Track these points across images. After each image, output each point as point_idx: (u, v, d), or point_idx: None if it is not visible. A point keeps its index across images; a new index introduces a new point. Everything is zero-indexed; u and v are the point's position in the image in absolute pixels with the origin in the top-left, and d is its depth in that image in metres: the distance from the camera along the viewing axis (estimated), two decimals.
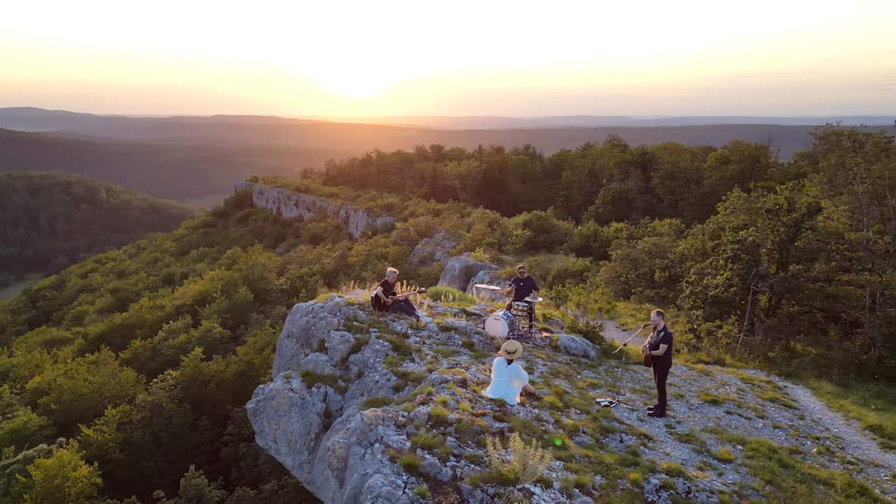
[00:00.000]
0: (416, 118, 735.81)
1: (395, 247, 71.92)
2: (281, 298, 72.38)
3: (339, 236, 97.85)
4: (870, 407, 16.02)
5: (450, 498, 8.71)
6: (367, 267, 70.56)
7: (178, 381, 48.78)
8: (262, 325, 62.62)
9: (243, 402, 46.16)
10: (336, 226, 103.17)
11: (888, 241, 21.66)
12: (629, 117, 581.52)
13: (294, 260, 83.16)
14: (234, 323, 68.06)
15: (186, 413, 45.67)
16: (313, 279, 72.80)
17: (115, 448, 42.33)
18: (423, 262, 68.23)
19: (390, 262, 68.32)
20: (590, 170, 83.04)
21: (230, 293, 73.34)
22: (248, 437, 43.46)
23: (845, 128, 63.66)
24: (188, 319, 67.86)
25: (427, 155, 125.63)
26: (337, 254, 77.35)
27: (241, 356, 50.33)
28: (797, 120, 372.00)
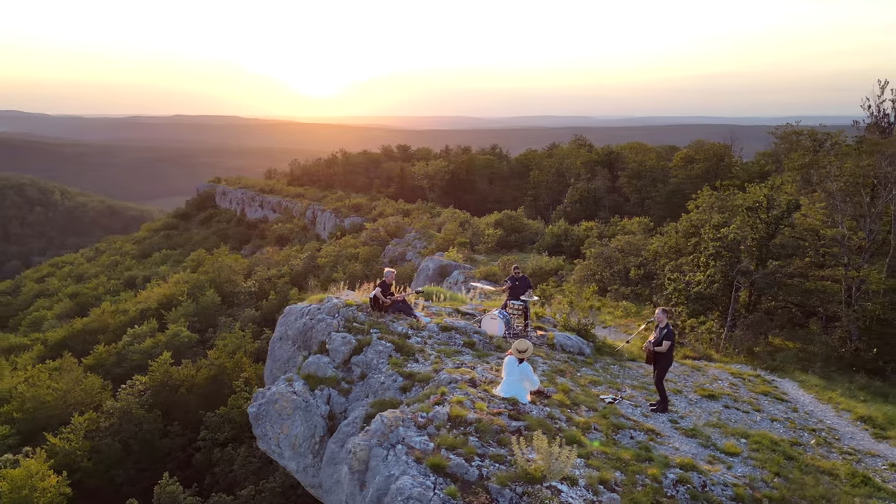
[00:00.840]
0: (379, 118, 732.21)
1: (366, 247, 71.53)
2: (249, 301, 71.40)
3: (306, 237, 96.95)
4: (856, 399, 16.48)
5: (480, 498, 8.69)
6: (337, 268, 70.01)
7: (148, 386, 47.74)
8: (231, 329, 61.69)
9: (216, 407, 45.58)
10: (303, 227, 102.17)
11: (862, 237, 22.32)
12: (592, 117, 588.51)
13: (261, 262, 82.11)
14: (201, 326, 66.89)
15: (157, 419, 44.73)
16: (282, 281, 71.97)
17: (83, 457, 41.28)
18: (394, 262, 67.94)
19: (361, 263, 67.97)
20: (557, 169, 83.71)
21: (197, 296, 72.07)
22: (222, 442, 42.78)
23: (805, 127, 65.44)
24: (154, 323, 66.51)
25: (393, 155, 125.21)
26: (306, 255, 76.63)
27: (212, 360, 49.47)
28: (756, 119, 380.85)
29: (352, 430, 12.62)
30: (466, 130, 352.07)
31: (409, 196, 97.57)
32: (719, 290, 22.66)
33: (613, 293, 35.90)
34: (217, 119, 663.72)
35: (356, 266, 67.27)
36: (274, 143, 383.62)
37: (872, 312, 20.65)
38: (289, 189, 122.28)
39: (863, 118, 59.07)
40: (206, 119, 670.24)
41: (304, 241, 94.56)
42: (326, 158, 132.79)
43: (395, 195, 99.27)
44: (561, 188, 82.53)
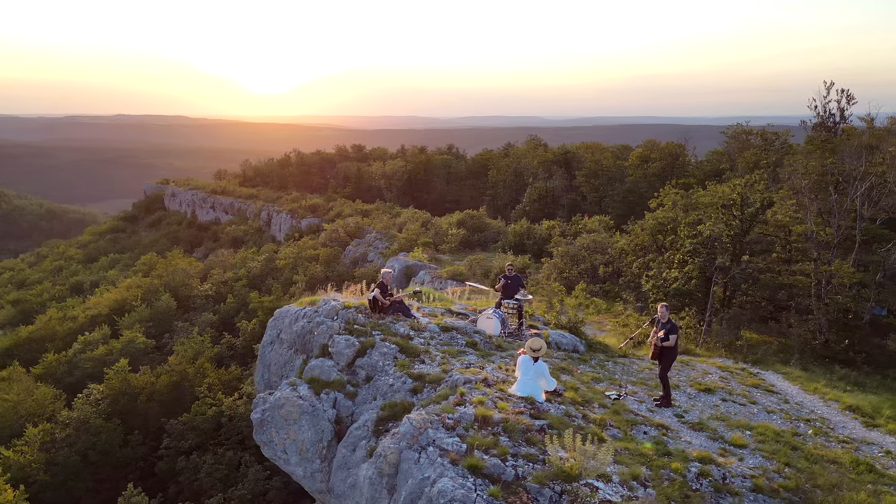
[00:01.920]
0: (330, 117, 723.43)
1: (325, 249, 70.76)
2: (206, 305, 69.81)
3: (261, 239, 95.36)
4: (839, 389, 17.08)
5: (521, 497, 8.68)
6: (297, 270, 69.08)
7: (105, 395, 46.21)
8: (189, 334, 60.19)
9: (178, 414, 44.44)
10: (258, 228, 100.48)
11: (829, 233, 23.14)
12: (542, 117, 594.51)
13: (217, 264, 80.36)
14: (157, 332, 65.08)
15: (116, 428, 43.34)
16: (240, 284, 70.60)
17: (39, 469, 39.76)
18: (355, 263, 67.47)
19: (321, 265, 67.20)
20: (514, 169, 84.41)
21: (151, 301, 70.10)
22: (186, 450, 41.74)
23: (754, 127, 67.59)
24: (106, 330, 64.35)
25: (348, 155, 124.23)
26: (263, 257, 75.34)
27: (172, 366, 48.18)
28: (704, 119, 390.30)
29: (363, 433, 12.45)
30: (419, 130, 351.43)
31: (367, 196, 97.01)
32: (697, 287, 23.18)
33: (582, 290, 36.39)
34: (162, 119, 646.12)
35: (317, 268, 66.49)
36: (222, 143, 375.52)
37: (843, 305, 21.43)
38: (241, 190, 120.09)
39: (810, 118, 61.41)
40: (150, 119, 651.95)
41: (260, 243, 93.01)
42: (279, 159, 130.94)
43: (353, 195, 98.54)
44: (519, 187, 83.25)
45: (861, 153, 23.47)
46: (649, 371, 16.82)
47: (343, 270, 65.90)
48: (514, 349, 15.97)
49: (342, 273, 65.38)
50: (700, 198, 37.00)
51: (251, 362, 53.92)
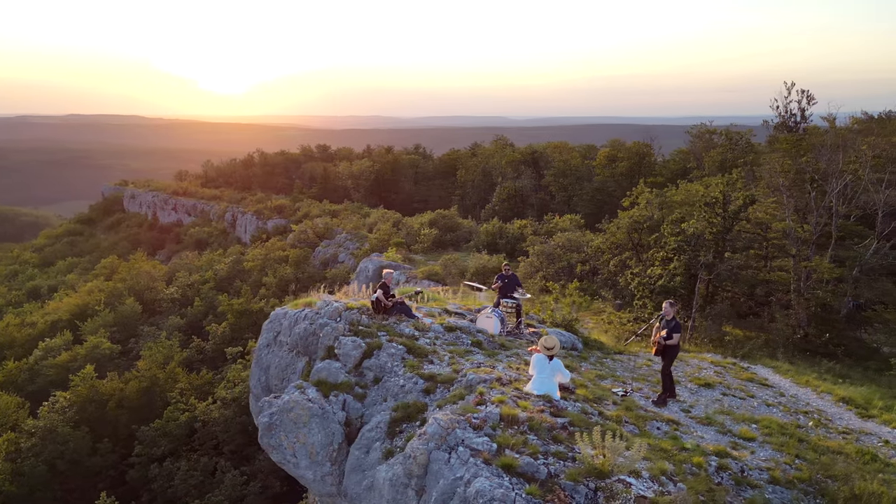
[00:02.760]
0: (293, 117, 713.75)
1: (295, 250, 69.99)
2: (173, 308, 68.45)
3: (226, 241, 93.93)
4: (828, 382, 17.52)
5: (559, 495, 8.70)
6: (266, 271, 68.19)
7: (72, 402, 44.95)
8: (156, 338, 58.93)
9: (149, 421, 43.49)
10: (222, 230, 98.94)
11: (808, 230, 23.75)
12: (506, 117, 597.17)
13: (182, 267, 78.84)
14: (121, 337, 63.60)
15: (84, 437, 42.23)
16: (207, 287, 69.39)
17: (5, 480, 38.58)
18: (325, 264, 66.89)
19: (291, 266, 66.45)
20: (483, 169, 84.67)
21: (115, 305, 68.43)
22: (159, 457, 40.88)
23: (718, 126, 69.03)
24: (68, 336, 62.64)
25: (313, 155, 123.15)
26: (230, 259, 74.17)
27: (142, 372, 47.10)
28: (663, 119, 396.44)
29: (376, 435, 12.34)
30: (383, 130, 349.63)
31: (334, 196, 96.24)
32: (681, 284, 23.57)
33: (559, 289, 36.68)
34: (117, 118, 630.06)
35: (287, 269, 65.73)
36: (181, 143, 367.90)
37: (823, 299, 22.02)
38: (204, 191, 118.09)
39: (772, 118, 63.00)
40: (104, 118, 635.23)
41: (225, 244, 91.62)
42: (242, 159, 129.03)
43: (319, 196, 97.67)
44: (487, 187, 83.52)
45: (838, 151, 24.13)
46: (647, 367, 17.04)
47: (314, 272, 65.31)
48: (517, 348, 16.02)
49: (313, 274, 64.80)
50: (673, 196, 37.71)
51: (222, 366, 53.06)
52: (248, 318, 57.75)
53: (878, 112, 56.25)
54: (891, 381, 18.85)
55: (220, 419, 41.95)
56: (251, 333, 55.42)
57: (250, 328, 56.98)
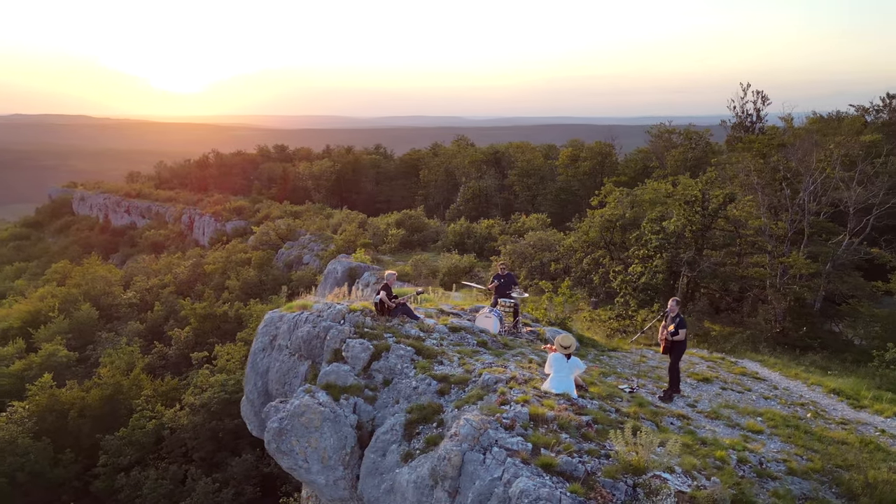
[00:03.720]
0: (246, 117, 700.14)
1: (257, 252, 68.86)
2: (131, 314, 66.60)
3: (184, 243, 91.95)
4: (818, 374, 18.08)
5: (601, 493, 8.76)
6: (228, 274, 66.95)
7: (30, 412, 43.35)
8: (115, 344, 57.27)
9: (114, 429, 42.24)
10: (179, 232, 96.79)
11: (783, 227, 24.47)
12: (464, 117, 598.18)
13: (139, 271, 76.82)
14: (78, 344, 61.53)
15: (46, 447, 40.74)
16: (167, 291, 67.75)
17: None
18: (290, 266, 66.02)
19: (255, 269, 65.38)
20: (446, 169, 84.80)
21: (70, 311, 66.20)
22: (125, 466, 39.73)
23: (677, 126, 70.57)
24: (20, 343, 60.35)
25: (271, 155, 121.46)
26: (190, 262, 72.56)
27: (105, 379, 45.69)
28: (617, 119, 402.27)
29: (392, 437, 12.22)
30: (340, 130, 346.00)
31: (294, 197, 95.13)
32: (664, 281, 24.00)
33: (534, 287, 36.98)
34: (63, 118, 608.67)
35: (250, 272, 64.64)
36: (130, 144, 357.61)
37: (799, 294, 22.72)
38: (159, 193, 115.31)
39: (729, 118, 64.70)
40: (49, 118, 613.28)
41: (183, 247, 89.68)
42: (197, 160, 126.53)
43: (279, 197, 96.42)
44: (451, 187, 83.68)
45: (812, 150, 24.90)
46: (644, 364, 17.30)
47: (278, 274, 64.42)
48: (519, 347, 16.07)
49: (277, 277, 63.93)
50: (643, 195, 38.37)
51: (186, 371, 51.91)
52: (211, 322, 56.63)
53: (825, 112, 58.18)
54: (870, 373, 19.54)
55: (189, 426, 41.02)
56: (216, 338, 54.40)
57: (214, 332, 55.93)
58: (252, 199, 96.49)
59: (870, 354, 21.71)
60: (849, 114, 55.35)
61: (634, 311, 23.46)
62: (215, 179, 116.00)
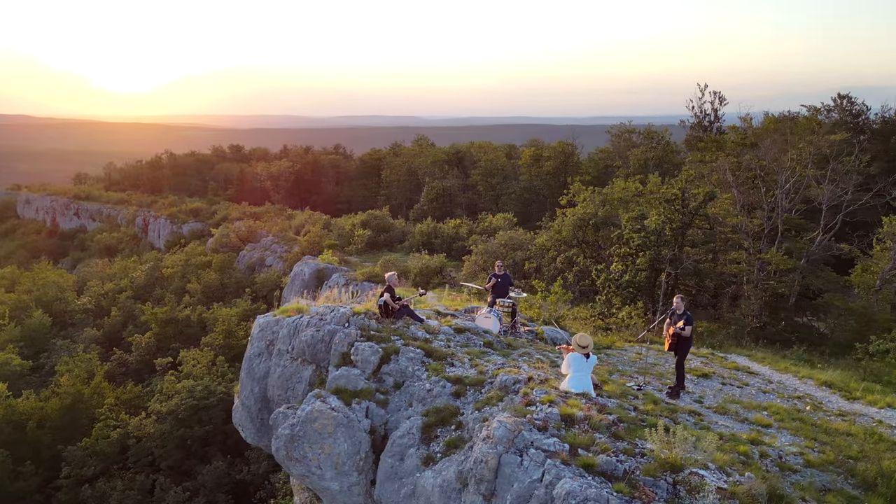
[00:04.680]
0: (197, 116, 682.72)
1: (218, 254, 67.44)
2: (87, 320, 64.47)
3: (138, 247, 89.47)
4: (809, 367, 18.55)
5: (645, 491, 8.78)
6: (188, 278, 65.41)
7: None
8: (71, 352, 55.32)
9: (76, 440, 40.83)
10: (133, 235, 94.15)
11: (759, 224, 25.09)
12: (420, 117, 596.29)
13: (93, 275, 74.49)
14: (31, 352, 59.21)
15: (4, 460, 39.10)
16: (124, 296, 65.79)
17: None
18: (252, 268, 64.87)
19: (216, 272, 64.01)
20: (407, 168, 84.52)
21: (21, 318, 63.71)
22: (89, 478, 38.44)
23: (636, 126, 71.80)
24: None
25: (226, 155, 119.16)
26: (148, 266, 70.62)
27: (65, 388, 44.09)
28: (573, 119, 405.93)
29: (409, 441, 12.05)
30: (294, 129, 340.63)
31: (252, 198, 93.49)
32: (647, 279, 24.35)
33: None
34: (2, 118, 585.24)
35: (211, 275, 63.28)
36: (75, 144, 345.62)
37: (777, 289, 23.33)
38: (109, 195, 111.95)
39: (688, 117, 66.07)
40: None
41: (137, 251, 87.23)
42: (149, 161, 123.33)
43: (237, 198, 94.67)
44: (413, 187, 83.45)
45: (784, 149, 25.59)
46: (641, 361, 17.48)
47: (241, 277, 63.25)
48: (523, 347, 16.06)
49: (240, 279, 62.76)
50: (613, 194, 38.90)
51: (149, 377, 50.54)
52: (174, 326, 55.28)
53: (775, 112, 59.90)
54: (850, 364, 20.16)
55: (156, 434, 39.92)
56: (179, 343, 53.10)
57: (177, 337, 54.60)
58: (209, 200, 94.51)
59: (845, 347, 22.43)
60: (801, 114, 57.08)
61: (619, 309, 23.72)
62: (169, 181, 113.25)
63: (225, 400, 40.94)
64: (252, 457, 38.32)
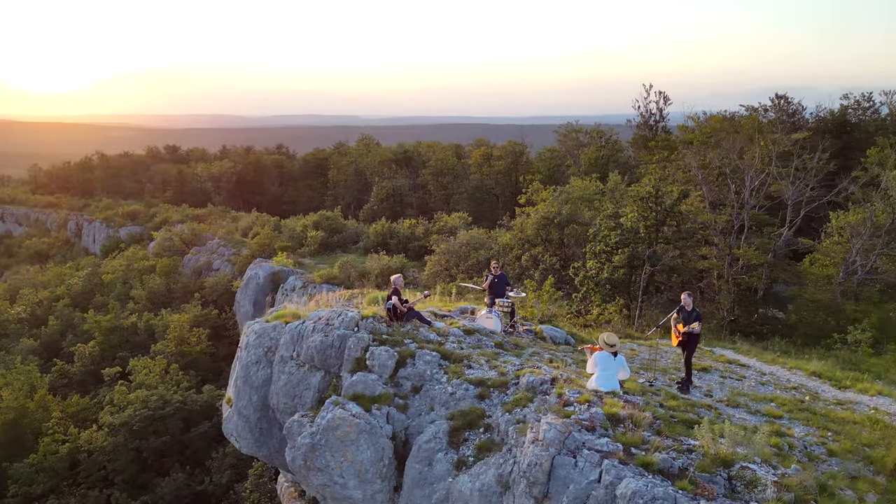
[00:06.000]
0: (125, 116, 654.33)
1: (162, 259, 65.10)
2: (21, 330, 61.17)
3: (72, 252, 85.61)
4: (794, 359, 19.15)
5: (706, 488, 8.83)
6: (131, 284, 62.94)
7: None
8: (8, 364, 52.38)
9: (21, 457, 38.71)
10: (65, 240, 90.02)
11: (727, 220, 25.86)
12: (359, 116, 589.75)
13: (25, 283, 70.82)
14: None
15: None
16: (61, 304, 62.79)
17: None
18: (199, 273, 62.89)
19: (161, 277, 61.76)
20: (355, 168, 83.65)
21: None
22: (38, 496, 36.51)
23: (583, 126, 73.06)
24: None
25: (162, 156, 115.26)
26: (86, 272, 67.58)
27: (7, 402, 41.69)
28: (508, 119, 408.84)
29: (436, 445, 11.82)
30: (230, 129, 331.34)
31: (192, 200, 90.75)
32: (624, 275, 24.74)
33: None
34: None
35: (156, 280, 61.03)
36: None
37: (750, 284, 24.09)
38: (37, 198, 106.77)
39: (633, 117, 67.65)
40: None
41: (71, 256, 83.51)
42: (79, 162, 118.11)
43: (176, 200, 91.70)
44: (361, 187, 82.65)
45: (749, 147, 26.45)
46: (638, 357, 17.71)
47: (188, 281, 61.26)
48: (530, 346, 16.04)
49: (187, 284, 60.78)
50: (574, 193, 39.45)
51: (95, 388, 48.38)
52: (119, 335, 53.08)
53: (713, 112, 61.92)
54: (822, 354, 20.95)
55: (109, 447, 38.23)
56: (126, 351, 51.02)
57: (124, 346, 52.44)
58: (146, 202, 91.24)
59: (814, 337, 23.33)
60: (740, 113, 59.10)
61: (598, 306, 23.99)
62: (102, 183, 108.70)
63: (182, 409, 39.58)
64: (214, 466, 37.16)
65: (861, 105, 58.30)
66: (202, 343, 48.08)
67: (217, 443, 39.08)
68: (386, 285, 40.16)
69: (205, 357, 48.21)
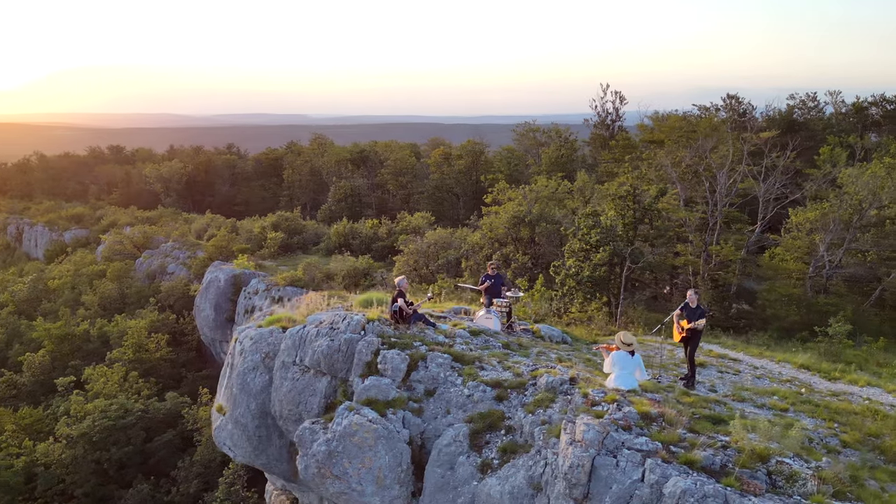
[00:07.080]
0: (58, 115, 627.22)
1: (112, 263, 62.89)
2: None
3: (12, 257, 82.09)
4: (782, 352, 19.60)
5: (749, 483, 8.88)
6: (80, 289, 60.60)
7: None
8: None
9: None
10: (5, 245, 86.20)
11: (701, 217, 26.38)
12: (308, 115, 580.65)
13: None
14: None
15: None
16: (5, 312, 60.05)
17: None
18: (152, 277, 60.96)
19: (113, 281, 59.64)
20: (311, 168, 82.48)
21: None
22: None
23: (541, 125, 73.75)
24: None
25: (105, 157, 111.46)
26: (30, 277, 64.82)
27: None
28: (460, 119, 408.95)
29: (457, 448, 11.63)
30: (175, 128, 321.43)
31: (140, 202, 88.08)
32: (605, 273, 24.95)
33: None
34: None
35: (108, 285, 58.91)
36: None
37: (727, 279, 24.62)
38: None
39: (591, 116, 68.60)
40: None
41: (11, 261, 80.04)
42: (15, 163, 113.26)
43: (123, 202, 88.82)
44: (317, 187, 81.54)
45: (719, 146, 27.04)
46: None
47: (141, 286, 59.29)
48: (534, 346, 15.98)
49: (141, 289, 58.82)
50: (543, 191, 39.72)
51: (48, 399, 46.37)
52: (70, 342, 51.01)
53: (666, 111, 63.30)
54: (800, 347, 21.58)
55: (67, 459, 36.68)
56: (79, 360, 49.09)
57: (76, 354, 50.43)
58: (91, 205, 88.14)
59: (788, 331, 24.01)
60: (693, 113, 60.48)
61: (581, 304, 24.13)
62: (42, 184, 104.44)
63: (143, 418, 38.30)
64: (180, 476, 36.04)
65: (806, 104, 60.42)
66: (162, 349, 46.63)
67: (182, 451, 38.02)
68: (353, 287, 39.79)
69: (164, 363, 46.77)
